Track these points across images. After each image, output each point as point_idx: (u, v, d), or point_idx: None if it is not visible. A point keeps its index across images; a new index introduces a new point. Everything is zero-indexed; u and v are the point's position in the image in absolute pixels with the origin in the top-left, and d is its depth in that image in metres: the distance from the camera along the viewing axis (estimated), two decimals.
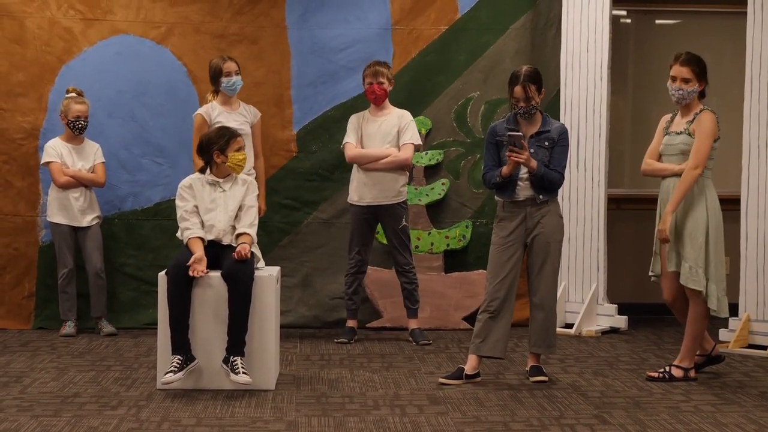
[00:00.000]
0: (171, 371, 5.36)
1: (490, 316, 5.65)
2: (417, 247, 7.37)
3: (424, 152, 7.49)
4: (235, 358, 5.42)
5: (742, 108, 6.80)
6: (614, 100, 7.64)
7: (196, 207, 5.71)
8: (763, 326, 6.66)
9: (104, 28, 7.38)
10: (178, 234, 5.75)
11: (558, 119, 7.25)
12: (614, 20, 7.59)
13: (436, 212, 7.57)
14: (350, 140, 6.87)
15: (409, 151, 6.83)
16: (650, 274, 5.92)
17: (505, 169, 5.63)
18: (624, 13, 8.23)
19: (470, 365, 5.68)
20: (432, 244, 7.49)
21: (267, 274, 5.61)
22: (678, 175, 5.65)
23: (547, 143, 5.67)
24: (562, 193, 7.16)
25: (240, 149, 5.72)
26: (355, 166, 6.91)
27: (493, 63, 7.58)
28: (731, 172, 7.20)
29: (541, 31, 7.61)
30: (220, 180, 5.75)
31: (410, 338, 6.91)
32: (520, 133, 5.56)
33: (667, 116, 5.89)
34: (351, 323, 7.00)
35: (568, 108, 7.42)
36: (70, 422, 4.78)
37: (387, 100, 6.91)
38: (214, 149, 5.68)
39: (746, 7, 6.81)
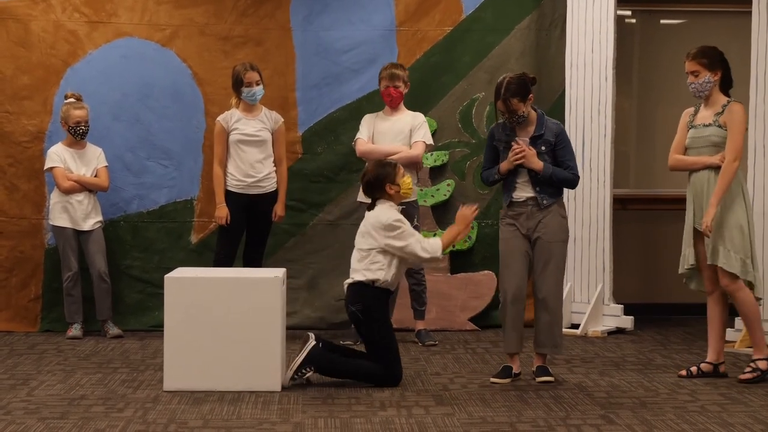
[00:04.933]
0: None
1: (510, 304, 5.69)
2: None
3: (429, 153, 7.49)
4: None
5: (748, 107, 6.79)
6: (619, 100, 7.63)
7: None
8: None
9: (109, 31, 7.39)
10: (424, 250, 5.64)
11: (563, 120, 7.24)
12: (619, 20, 7.58)
13: (442, 213, 7.56)
14: (362, 136, 6.87)
15: (420, 149, 6.81)
16: (685, 267, 5.84)
17: (503, 165, 5.67)
18: (629, 13, 8.22)
19: (516, 364, 5.77)
20: None
21: (272, 276, 5.61)
22: (710, 167, 5.66)
23: (543, 147, 5.66)
24: (568, 193, 7.15)
25: (403, 174, 5.76)
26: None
27: (498, 63, 7.57)
28: None
29: (545, 31, 7.60)
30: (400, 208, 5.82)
31: (416, 339, 6.91)
32: (521, 144, 5.61)
33: (690, 110, 5.89)
34: None
35: (573, 108, 7.42)
36: (77, 425, 4.78)
37: (402, 102, 6.91)
38: (386, 183, 5.69)
39: (751, 7, 6.80)
